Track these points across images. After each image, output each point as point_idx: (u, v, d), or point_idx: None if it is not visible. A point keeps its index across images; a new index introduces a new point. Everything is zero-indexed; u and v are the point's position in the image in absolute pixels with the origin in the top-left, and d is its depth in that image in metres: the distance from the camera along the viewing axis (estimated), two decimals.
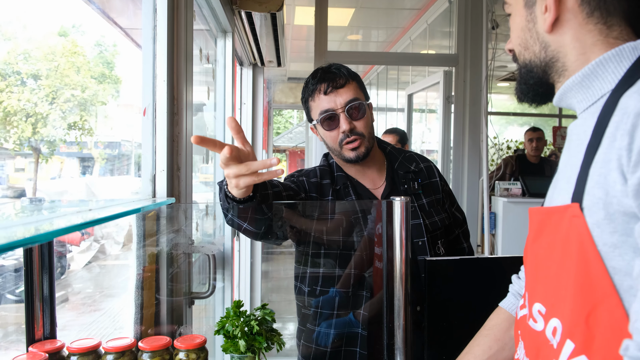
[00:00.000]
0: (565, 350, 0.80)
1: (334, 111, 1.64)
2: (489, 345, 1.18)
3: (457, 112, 4.61)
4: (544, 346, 0.87)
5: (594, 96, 0.88)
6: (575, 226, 0.81)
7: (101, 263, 6.54)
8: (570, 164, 0.89)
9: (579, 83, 0.90)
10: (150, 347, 1.28)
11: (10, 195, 6.48)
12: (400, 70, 7.32)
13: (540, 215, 0.95)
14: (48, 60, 5.41)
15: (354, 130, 1.64)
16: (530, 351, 0.94)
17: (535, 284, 0.94)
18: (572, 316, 0.79)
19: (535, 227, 0.95)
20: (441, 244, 1.76)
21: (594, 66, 0.87)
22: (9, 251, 0.63)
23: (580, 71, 0.89)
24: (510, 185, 4.36)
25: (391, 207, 1.38)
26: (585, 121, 0.88)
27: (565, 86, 0.93)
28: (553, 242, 0.87)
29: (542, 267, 0.91)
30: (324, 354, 1.65)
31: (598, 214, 0.77)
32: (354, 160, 1.66)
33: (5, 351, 3.42)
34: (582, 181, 0.81)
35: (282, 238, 1.66)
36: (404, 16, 6.06)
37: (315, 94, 1.66)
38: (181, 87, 1.67)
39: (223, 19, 2.65)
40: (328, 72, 1.67)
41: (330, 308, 1.66)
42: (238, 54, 3.99)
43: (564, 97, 0.95)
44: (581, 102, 0.91)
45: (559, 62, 0.93)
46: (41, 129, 5.49)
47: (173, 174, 1.65)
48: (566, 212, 0.84)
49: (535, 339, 0.91)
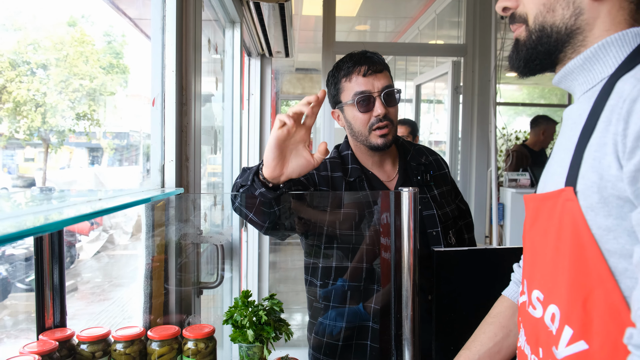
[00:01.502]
0: (564, 336, 0.81)
1: (370, 93, 1.63)
2: (494, 332, 1.19)
3: (466, 102, 4.58)
4: (544, 332, 0.88)
5: (593, 80, 0.87)
6: (569, 210, 0.80)
7: (110, 253, 6.59)
8: (564, 147, 0.88)
9: (581, 66, 0.88)
10: (159, 336, 1.29)
11: (20, 185, 6.52)
12: (409, 60, 7.27)
13: (535, 202, 0.94)
14: (57, 49, 5.43)
15: (387, 115, 1.64)
16: (530, 338, 0.94)
17: (533, 271, 0.94)
18: (569, 301, 0.80)
19: (531, 213, 0.95)
20: (452, 233, 1.78)
21: (596, 49, 0.86)
22: (18, 240, 0.63)
23: (582, 53, 0.87)
24: (518, 176, 4.33)
25: (399, 198, 1.38)
26: (581, 105, 0.88)
27: (568, 67, 0.90)
28: (548, 227, 0.87)
29: (539, 253, 0.91)
30: (335, 347, 1.66)
31: (592, 198, 0.77)
32: (381, 147, 1.66)
33: (15, 339, 3.46)
34: (576, 165, 0.81)
35: (289, 229, 1.66)
36: (412, 6, 6.02)
37: (353, 75, 1.66)
38: (190, 77, 1.67)
39: (231, 9, 2.65)
40: (365, 56, 1.67)
41: (342, 301, 1.67)
42: (246, 44, 3.98)
43: (566, 77, 0.92)
44: (582, 84, 0.89)
45: (581, 36, 0.88)
46: (50, 119, 5.52)
47: (182, 164, 1.65)
48: (560, 196, 0.83)
49: (534, 325, 0.92)
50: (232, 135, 2.95)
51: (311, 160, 1.32)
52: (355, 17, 6.53)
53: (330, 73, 1.74)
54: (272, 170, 1.31)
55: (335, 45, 4.45)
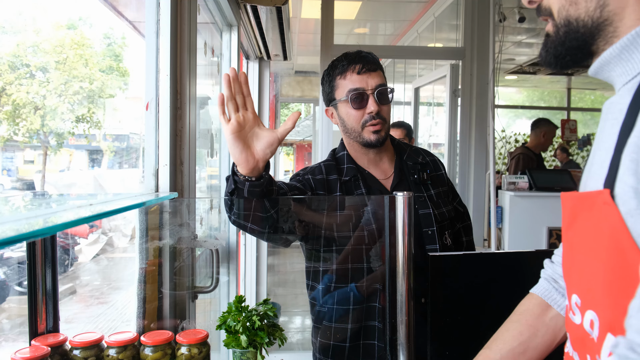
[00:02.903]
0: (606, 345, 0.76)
1: (364, 91, 1.66)
2: (520, 330, 1.10)
3: (464, 105, 4.58)
4: (587, 340, 0.82)
5: (634, 70, 0.80)
6: (607, 214, 0.75)
7: (109, 255, 6.59)
8: (605, 147, 0.82)
9: (618, 55, 0.81)
10: (152, 342, 1.29)
11: (20, 187, 6.52)
12: (407, 63, 7.28)
13: (573, 200, 0.88)
14: (57, 52, 5.43)
15: (379, 113, 1.67)
16: (576, 344, 0.88)
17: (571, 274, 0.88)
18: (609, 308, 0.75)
19: (569, 212, 0.89)
20: (448, 234, 1.79)
21: (634, 37, 0.79)
22: (5, 247, 0.63)
23: (618, 42, 0.80)
24: (517, 179, 4.33)
25: (394, 202, 1.38)
26: (621, 98, 0.80)
27: (604, 57, 0.83)
28: (586, 229, 0.82)
29: (576, 255, 0.86)
30: (343, 349, 1.66)
31: (630, 203, 0.71)
32: (374, 142, 1.68)
33: (12, 343, 3.46)
34: (615, 166, 0.75)
35: (289, 233, 1.66)
36: (411, 9, 6.03)
37: (348, 72, 1.68)
38: (184, 81, 1.66)
39: (228, 12, 2.65)
40: (360, 55, 1.70)
41: (346, 304, 1.67)
42: (244, 47, 3.98)
43: (603, 69, 0.86)
44: (621, 75, 0.82)
45: (611, 27, 0.81)
46: (50, 122, 5.52)
47: (176, 168, 1.65)
48: (597, 198, 0.78)
49: (576, 331, 0.86)
50: None
51: (275, 134, 1.35)
52: (354, 20, 6.54)
53: (326, 72, 1.76)
54: (246, 163, 1.34)
55: (333, 48, 4.44)
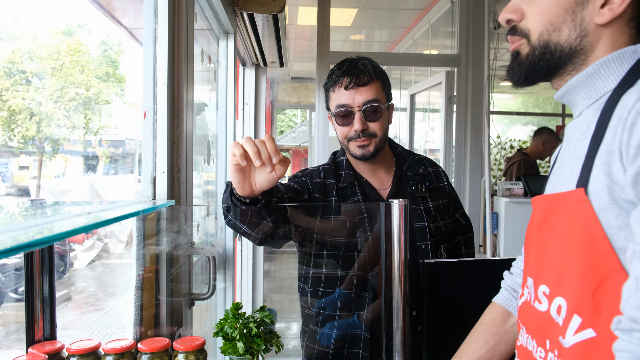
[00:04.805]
0: (572, 325, 0.85)
1: (350, 108, 1.62)
2: (486, 339, 1.21)
3: (459, 112, 4.60)
4: (549, 325, 0.91)
5: (596, 94, 0.93)
6: (581, 209, 0.85)
7: (104, 262, 6.57)
8: (575, 156, 0.93)
9: (583, 82, 0.94)
10: (149, 349, 1.29)
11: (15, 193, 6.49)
12: (403, 70, 7.31)
13: (545, 202, 0.99)
14: (53, 59, 5.42)
15: (366, 131, 1.63)
16: (536, 332, 0.97)
17: (541, 267, 0.97)
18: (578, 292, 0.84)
19: (541, 213, 0.99)
20: (444, 249, 1.75)
21: (598, 66, 0.92)
22: (3, 257, 0.64)
23: (584, 70, 0.94)
24: (512, 185, 4.35)
25: (390, 210, 1.38)
26: (587, 117, 0.93)
27: (570, 83, 0.96)
28: (558, 225, 0.92)
29: (547, 250, 0.95)
30: (326, 355, 1.65)
31: (603, 199, 0.82)
32: (359, 157, 1.66)
33: (8, 350, 3.44)
34: (587, 169, 0.86)
35: (283, 238, 1.65)
36: (407, 16, 6.06)
37: (337, 86, 1.65)
38: (182, 89, 1.67)
39: (225, 20, 2.66)
40: (354, 66, 1.65)
41: (333, 309, 1.66)
42: (240, 54, 3.99)
43: (569, 93, 0.98)
44: (584, 99, 0.95)
45: (584, 55, 0.94)
46: (45, 128, 5.50)
47: (173, 176, 1.65)
48: (571, 197, 0.88)
49: (539, 319, 0.95)
50: (226, 145, 2.95)
51: (273, 175, 1.31)
52: (350, 27, 6.57)
53: (327, 77, 1.73)
54: (242, 190, 1.32)
55: (329, 55, 4.46)
